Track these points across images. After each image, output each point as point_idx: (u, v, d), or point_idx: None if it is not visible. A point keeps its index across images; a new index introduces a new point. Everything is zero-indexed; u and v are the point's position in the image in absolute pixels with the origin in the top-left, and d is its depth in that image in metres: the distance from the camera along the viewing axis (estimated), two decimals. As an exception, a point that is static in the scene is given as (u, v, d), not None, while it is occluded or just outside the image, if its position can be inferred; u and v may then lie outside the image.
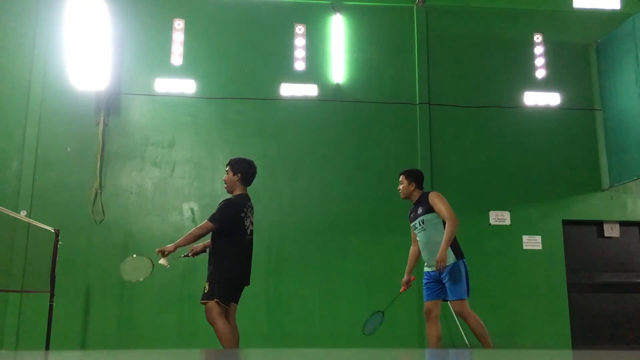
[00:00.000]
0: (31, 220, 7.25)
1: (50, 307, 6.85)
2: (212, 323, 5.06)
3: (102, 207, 8.04)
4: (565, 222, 8.54)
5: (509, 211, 8.48)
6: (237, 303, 5.31)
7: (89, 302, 7.81)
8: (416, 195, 5.89)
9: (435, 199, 5.69)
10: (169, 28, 8.63)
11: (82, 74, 8.03)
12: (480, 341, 5.62)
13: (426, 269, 5.82)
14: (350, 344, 7.75)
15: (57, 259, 6.96)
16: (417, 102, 8.68)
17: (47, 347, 6.78)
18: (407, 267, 6.04)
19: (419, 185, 5.92)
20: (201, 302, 5.13)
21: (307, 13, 8.83)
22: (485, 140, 8.70)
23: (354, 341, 7.82)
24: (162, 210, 8.17)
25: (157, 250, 5.10)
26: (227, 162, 5.56)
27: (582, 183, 8.67)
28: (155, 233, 8.10)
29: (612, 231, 8.67)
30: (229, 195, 5.52)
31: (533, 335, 8.11)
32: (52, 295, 6.86)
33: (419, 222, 5.78)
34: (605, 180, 8.67)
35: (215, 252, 5.24)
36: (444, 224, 5.62)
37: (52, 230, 7.05)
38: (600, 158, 8.74)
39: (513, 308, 8.20)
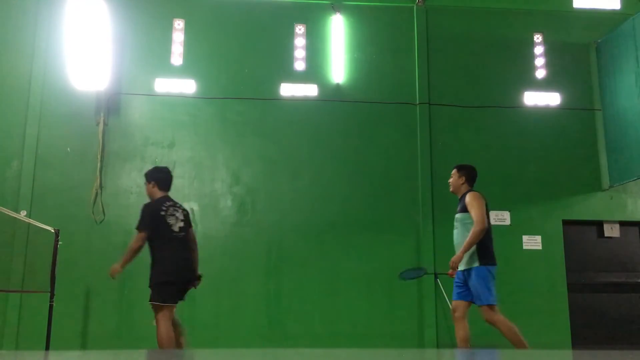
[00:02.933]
0: (31, 220, 7.25)
1: (50, 307, 6.85)
2: (157, 323, 5.27)
3: (102, 207, 8.04)
4: (565, 222, 8.54)
5: (509, 211, 8.48)
6: (182, 300, 5.49)
7: (89, 302, 7.81)
8: (463, 191, 5.84)
9: (470, 199, 5.62)
10: (169, 28, 8.63)
11: (82, 74, 8.03)
12: (516, 347, 5.57)
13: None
14: (350, 344, 7.75)
15: (57, 259, 6.96)
16: (417, 102, 8.68)
17: (47, 347, 6.78)
18: None
19: (469, 182, 5.86)
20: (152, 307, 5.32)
21: (307, 13, 8.83)
22: (485, 140, 8.69)
23: (354, 341, 7.83)
24: (162, 210, 8.16)
25: (110, 274, 5.43)
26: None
27: (582, 183, 8.67)
28: (155, 233, 8.09)
29: (612, 231, 8.66)
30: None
31: (533, 335, 8.09)
32: (52, 295, 6.86)
33: (455, 220, 5.78)
34: (605, 180, 8.67)
35: (151, 258, 5.41)
36: None
37: (52, 230, 7.06)
38: (600, 158, 8.73)
39: (513, 308, 8.18)
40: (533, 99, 8.86)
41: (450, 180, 5.97)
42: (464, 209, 5.64)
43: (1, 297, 7.62)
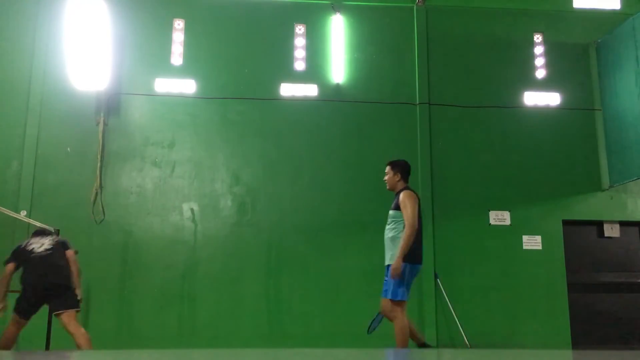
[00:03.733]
0: (31, 220, 7.25)
1: (50, 307, 6.83)
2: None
3: (102, 207, 8.04)
4: (565, 222, 8.54)
5: (509, 211, 8.48)
6: (61, 309, 5.91)
7: (88, 302, 7.80)
8: (399, 187, 5.73)
9: (405, 198, 5.50)
10: (169, 28, 8.63)
11: (82, 74, 8.03)
12: (397, 345, 5.46)
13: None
14: (350, 344, 7.75)
15: (57, 259, 6.93)
16: (417, 102, 8.68)
17: (47, 347, 6.78)
18: None
19: (404, 178, 5.78)
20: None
21: (307, 13, 8.83)
22: (485, 140, 8.70)
23: (354, 341, 7.82)
24: (162, 210, 8.17)
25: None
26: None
27: (582, 183, 8.67)
28: (155, 233, 8.11)
29: (612, 231, 8.67)
30: None
31: (533, 335, 8.11)
32: (52, 296, 6.83)
33: (388, 216, 5.68)
34: (605, 180, 8.67)
35: None
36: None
37: (52, 230, 7.04)
38: (600, 158, 8.74)
39: (513, 308, 8.20)
40: (533, 99, 8.86)
41: (386, 177, 5.84)
42: (398, 207, 5.55)
43: (1, 297, 7.60)
